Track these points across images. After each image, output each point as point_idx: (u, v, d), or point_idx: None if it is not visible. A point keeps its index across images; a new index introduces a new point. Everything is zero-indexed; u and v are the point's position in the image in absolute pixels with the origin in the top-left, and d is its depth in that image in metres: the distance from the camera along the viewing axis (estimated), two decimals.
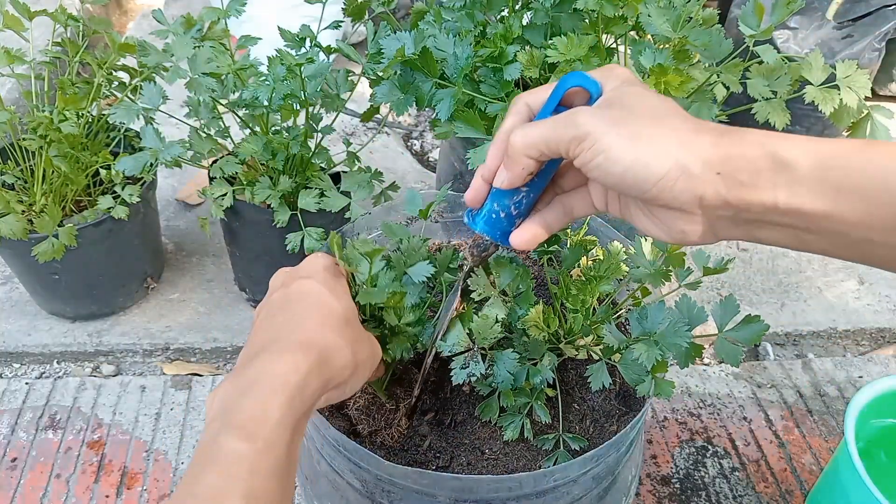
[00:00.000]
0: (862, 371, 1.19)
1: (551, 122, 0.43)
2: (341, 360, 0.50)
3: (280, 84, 0.91)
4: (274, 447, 0.43)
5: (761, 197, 0.38)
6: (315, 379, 0.47)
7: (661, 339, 0.60)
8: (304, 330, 0.50)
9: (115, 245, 1.09)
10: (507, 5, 0.97)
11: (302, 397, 0.46)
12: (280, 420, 0.44)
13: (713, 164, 0.38)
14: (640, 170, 0.40)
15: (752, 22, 0.85)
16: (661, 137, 0.40)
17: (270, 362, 0.47)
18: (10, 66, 1.01)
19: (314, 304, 0.52)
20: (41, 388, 1.08)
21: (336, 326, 0.51)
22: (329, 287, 0.53)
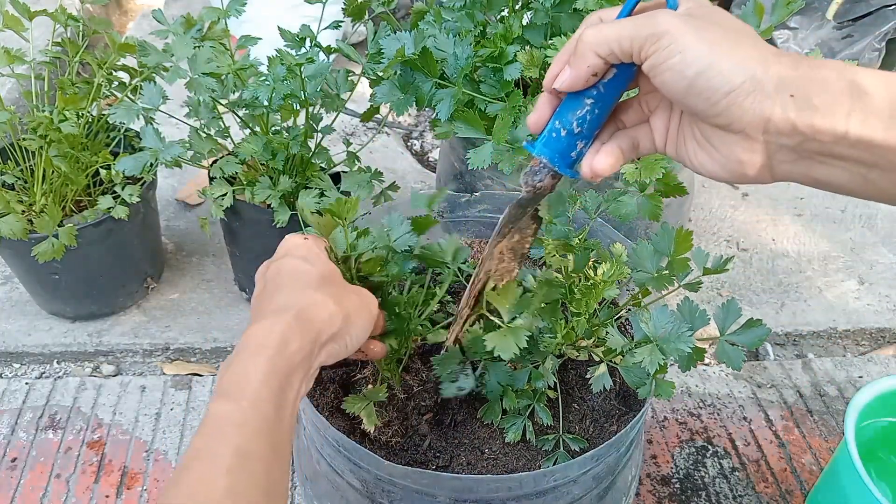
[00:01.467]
0: (862, 371, 1.19)
1: (629, 20, 0.41)
2: (324, 312, 0.50)
3: (280, 84, 0.91)
4: (259, 404, 0.44)
5: (833, 123, 0.36)
6: (296, 336, 0.48)
7: (664, 343, 0.60)
8: (280, 297, 0.51)
9: (115, 245, 1.09)
10: (507, 5, 0.97)
11: (284, 355, 0.46)
12: (263, 380, 0.45)
13: (788, 84, 0.37)
14: (713, 76, 0.38)
15: (753, 22, 0.85)
16: (740, 48, 0.38)
17: (249, 333, 0.48)
18: (10, 66, 1.01)
19: (288, 275, 0.53)
20: (41, 388, 1.08)
21: (312, 285, 0.52)
22: (302, 256, 0.54)
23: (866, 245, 1.42)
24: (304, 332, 0.48)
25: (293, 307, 0.49)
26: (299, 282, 0.52)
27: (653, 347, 0.60)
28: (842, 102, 0.36)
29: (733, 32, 0.39)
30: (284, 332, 0.47)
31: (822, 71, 0.37)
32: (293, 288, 0.52)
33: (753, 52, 0.38)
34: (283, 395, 0.46)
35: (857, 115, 0.36)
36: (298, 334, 0.48)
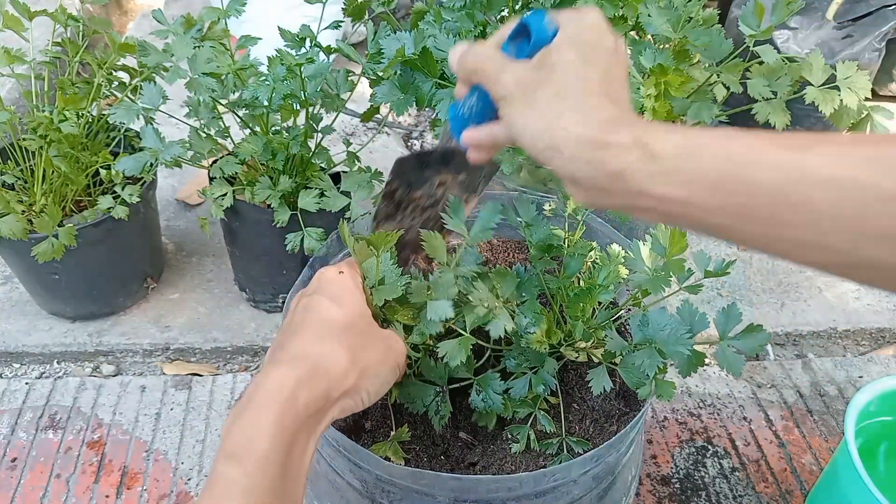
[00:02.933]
0: (862, 371, 1.19)
1: (488, 61, 0.48)
2: (338, 368, 0.49)
3: (280, 84, 0.91)
4: (266, 467, 0.43)
5: (627, 184, 0.40)
6: (306, 390, 0.47)
7: (663, 345, 0.60)
8: (297, 344, 0.50)
9: (115, 245, 1.09)
10: (507, 5, 0.97)
11: (294, 412, 0.46)
12: (270, 440, 0.44)
13: (585, 149, 0.41)
14: (526, 141, 0.44)
15: (753, 22, 0.85)
16: (550, 113, 0.43)
17: (260, 382, 0.47)
18: (10, 66, 1.01)
19: (313, 318, 0.52)
20: (41, 388, 1.08)
21: (333, 334, 0.51)
22: (332, 296, 0.53)
23: None
24: (314, 385, 0.47)
25: (306, 358, 0.49)
26: (321, 328, 0.51)
27: (651, 350, 0.60)
28: (633, 166, 0.40)
29: (557, 88, 0.44)
30: (296, 388, 0.46)
31: (618, 134, 0.41)
32: (311, 334, 0.51)
33: (562, 116, 0.43)
34: (290, 454, 0.45)
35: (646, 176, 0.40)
36: (308, 388, 0.47)
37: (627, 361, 0.62)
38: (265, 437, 0.44)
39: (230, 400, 1.08)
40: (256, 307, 1.21)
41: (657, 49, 0.86)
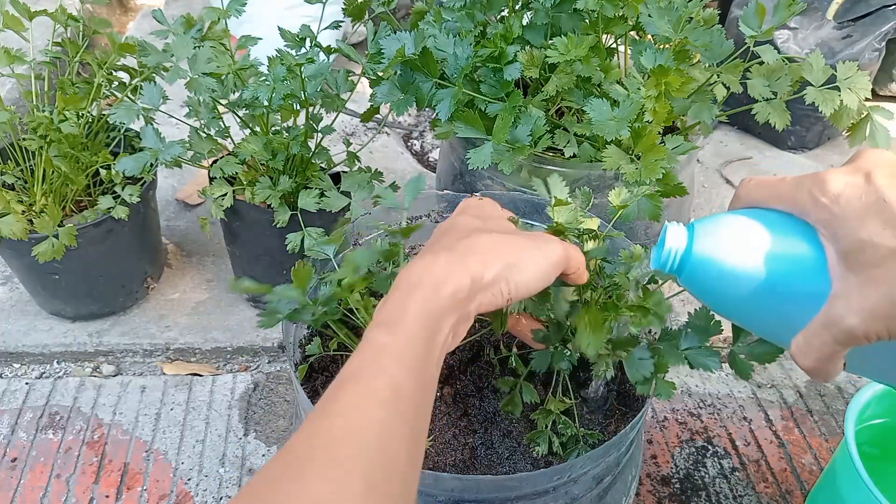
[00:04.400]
0: None
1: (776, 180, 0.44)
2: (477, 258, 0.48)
3: (280, 84, 0.91)
4: (413, 342, 0.44)
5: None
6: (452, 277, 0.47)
7: (692, 358, 0.60)
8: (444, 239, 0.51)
9: (115, 245, 1.09)
10: (507, 5, 0.97)
11: (438, 296, 0.46)
12: (416, 319, 0.45)
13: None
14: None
15: (754, 23, 0.85)
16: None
17: (406, 270, 0.48)
18: (10, 66, 1.01)
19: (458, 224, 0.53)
20: (41, 388, 1.08)
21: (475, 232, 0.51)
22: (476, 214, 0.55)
23: None
24: (460, 273, 0.47)
25: (453, 248, 0.49)
26: (466, 229, 0.52)
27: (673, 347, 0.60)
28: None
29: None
30: (439, 273, 0.47)
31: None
32: (456, 235, 0.51)
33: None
34: (434, 338, 0.45)
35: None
36: (454, 276, 0.47)
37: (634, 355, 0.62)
38: (413, 314, 0.45)
39: (230, 400, 1.08)
40: (256, 307, 1.21)
41: (658, 49, 0.86)
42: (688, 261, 0.42)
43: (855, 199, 0.36)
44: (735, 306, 0.43)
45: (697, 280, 0.43)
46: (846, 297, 0.37)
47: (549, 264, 0.51)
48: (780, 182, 0.41)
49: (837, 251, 0.37)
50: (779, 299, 0.40)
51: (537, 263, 0.50)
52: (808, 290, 0.39)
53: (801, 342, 0.40)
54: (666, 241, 0.43)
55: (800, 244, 0.39)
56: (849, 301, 0.37)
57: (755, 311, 0.42)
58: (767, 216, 0.41)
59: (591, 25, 0.91)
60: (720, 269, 0.41)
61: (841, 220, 0.37)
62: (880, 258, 0.35)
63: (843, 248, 0.37)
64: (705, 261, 0.42)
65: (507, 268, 0.49)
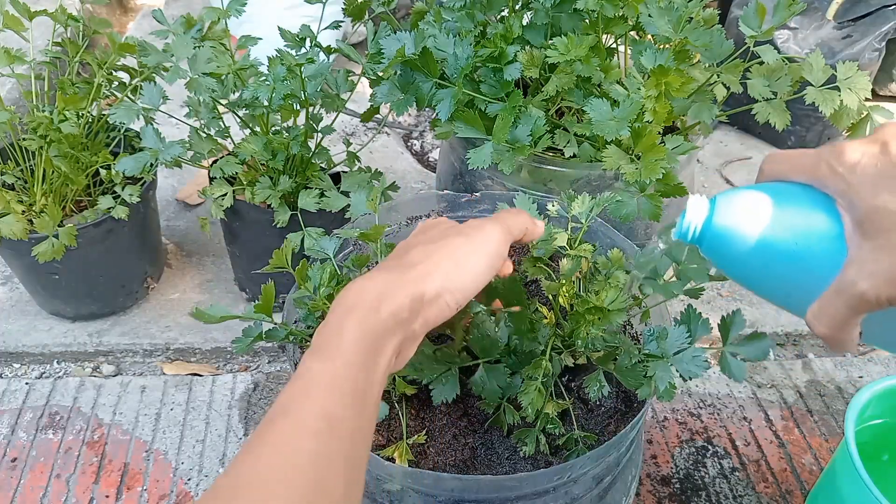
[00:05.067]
0: (862, 371, 1.19)
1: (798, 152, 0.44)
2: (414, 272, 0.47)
3: (280, 84, 0.91)
4: (350, 368, 0.42)
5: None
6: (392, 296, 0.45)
7: (677, 363, 0.60)
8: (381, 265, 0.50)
9: (115, 245, 1.09)
10: (507, 5, 0.97)
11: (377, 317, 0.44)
12: (354, 342, 0.43)
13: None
14: None
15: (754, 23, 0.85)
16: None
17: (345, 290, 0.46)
18: (10, 66, 1.01)
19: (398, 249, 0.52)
20: (41, 388, 1.08)
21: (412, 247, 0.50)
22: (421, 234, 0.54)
23: None
24: (399, 292, 0.46)
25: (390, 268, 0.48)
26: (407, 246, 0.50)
27: (665, 364, 0.60)
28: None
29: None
30: (376, 292, 0.45)
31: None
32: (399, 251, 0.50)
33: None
34: (374, 360, 0.44)
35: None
36: (392, 295, 0.45)
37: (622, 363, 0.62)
38: (350, 337, 0.43)
39: (230, 400, 1.08)
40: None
41: (658, 49, 0.86)
42: (708, 231, 0.43)
43: (871, 168, 0.37)
44: (754, 275, 0.44)
45: (717, 250, 0.44)
46: (859, 264, 0.37)
47: (487, 254, 0.50)
48: (800, 154, 0.41)
49: (853, 219, 0.38)
50: (796, 268, 0.41)
51: (475, 260, 0.49)
52: (824, 259, 0.39)
53: (816, 309, 0.40)
54: (688, 212, 0.44)
55: (817, 214, 0.40)
56: (862, 267, 0.37)
57: (773, 280, 0.43)
58: (787, 188, 0.42)
59: (591, 25, 0.91)
60: (739, 239, 0.42)
61: (857, 188, 0.37)
62: (893, 224, 0.35)
63: (858, 215, 0.37)
64: (725, 231, 0.43)
65: (445, 277, 0.48)
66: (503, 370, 0.64)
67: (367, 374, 0.43)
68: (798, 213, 0.41)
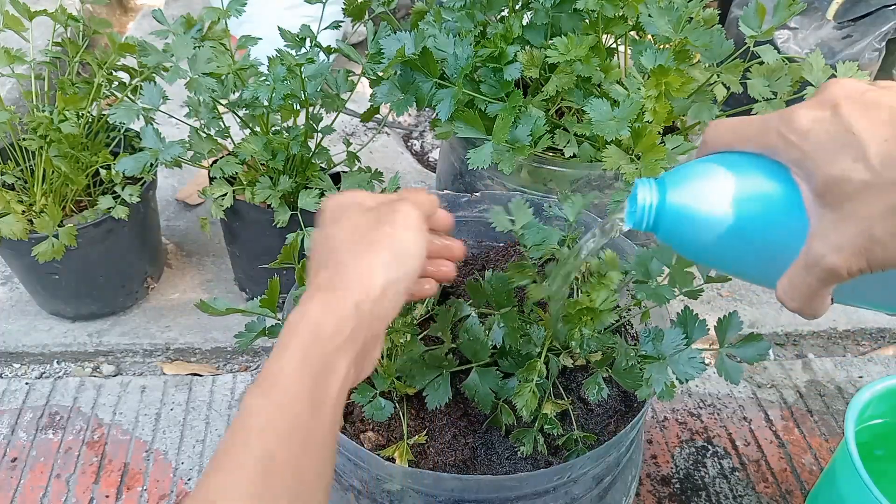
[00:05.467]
0: (862, 371, 1.19)
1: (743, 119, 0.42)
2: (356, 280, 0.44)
3: (280, 84, 0.91)
4: (291, 401, 0.41)
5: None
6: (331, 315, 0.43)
7: (674, 365, 0.59)
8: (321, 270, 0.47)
9: (115, 245, 1.09)
10: (507, 5, 0.97)
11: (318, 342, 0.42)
12: (296, 372, 0.41)
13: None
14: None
15: (753, 23, 0.85)
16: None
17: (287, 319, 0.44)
18: (10, 66, 1.01)
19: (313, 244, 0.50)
20: (41, 388, 1.08)
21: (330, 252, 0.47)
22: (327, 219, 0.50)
23: None
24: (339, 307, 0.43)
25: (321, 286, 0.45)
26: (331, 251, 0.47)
27: (661, 366, 0.60)
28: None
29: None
30: (318, 313, 0.43)
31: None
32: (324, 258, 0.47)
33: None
34: (321, 387, 0.42)
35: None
36: (332, 313, 0.43)
37: (619, 365, 0.62)
38: (291, 368, 0.41)
39: (230, 400, 1.08)
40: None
41: (658, 49, 0.86)
42: (663, 215, 0.41)
43: (824, 135, 0.35)
44: (717, 255, 0.42)
45: (675, 234, 0.42)
46: (824, 236, 0.36)
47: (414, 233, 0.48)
48: (746, 123, 0.40)
49: (811, 189, 0.37)
50: (759, 243, 0.39)
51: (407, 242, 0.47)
52: (786, 231, 0.38)
53: (786, 284, 0.39)
54: (638, 198, 0.41)
55: (774, 185, 0.38)
56: (827, 239, 0.36)
57: (737, 258, 0.41)
58: (737, 159, 0.40)
59: (591, 25, 0.91)
60: (697, 219, 0.40)
61: (811, 157, 0.36)
62: (854, 192, 0.34)
63: (816, 185, 0.36)
64: (680, 213, 0.40)
65: (385, 271, 0.45)
66: (495, 373, 0.64)
67: (313, 403, 0.41)
68: (754, 185, 0.39)
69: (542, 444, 0.66)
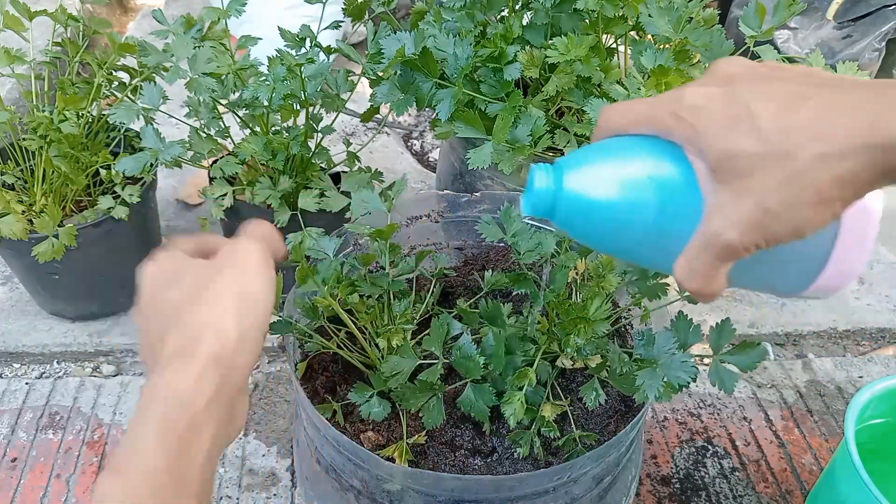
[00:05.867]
0: (862, 371, 1.19)
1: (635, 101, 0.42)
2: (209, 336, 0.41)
3: (280, 84, 0.91)
4: (153, 476, 0.37)
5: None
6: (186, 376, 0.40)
7: (666, 370, 0.59)
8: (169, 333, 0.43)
9: (115, 245, 1.09)
10: (507, 5, 0.97)
11: (177, 405, 0.39)
12: (156, 443, 0.38)
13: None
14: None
15: (753, 23, 0.85)
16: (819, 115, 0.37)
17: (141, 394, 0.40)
18: (10, 66, 1.01)
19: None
20: (41, 388, 1.08)
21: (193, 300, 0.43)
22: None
23: None
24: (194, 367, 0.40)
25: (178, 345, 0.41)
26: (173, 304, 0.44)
27: (653, 371, 0.60)
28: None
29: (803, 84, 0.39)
30: (170, 381, 0.39)
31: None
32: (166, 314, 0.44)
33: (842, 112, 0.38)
34: (186, 453, 0.38)
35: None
36: (188, 374, 0.40)
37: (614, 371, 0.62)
38: (150, 440, 0.38)
39: None
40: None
41: (658, 49, 0.86)
42: (559, 201, 0.40)
43: (717, 111, 0.35)
44: (614, 241, 0.41)
45: (572, 220, 0.41)
46: (720, 212, 0.36)
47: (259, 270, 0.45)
48: (637, 105, 0.39)
49: (706, 166, 0.36)
50: (654, 226, 0.39)
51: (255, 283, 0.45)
52: (681, 212, 0.38)
53: (684, 264, 0.38)
54: (534, 184, 0.41)
55: (667, 166, 0.38)
56: (723, 215, 0.35)
57: (634, 243, 0.41)
58: (632, 142, 0.40)
59: (591, 25, 0.91)
60: (591, 204, 0.39)
61: (705, 133, 0.35)
62: (748, 167, 0.34)
63: (710, 162, 0.36)
64: (576, 198, 0.40)
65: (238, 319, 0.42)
66: (489, 389, 0.64)
67: (177, 474, 0.38)
68: (647, 167, 0.39)
69: (539, 447, 0.66)
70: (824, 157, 0.32)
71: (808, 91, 0.34)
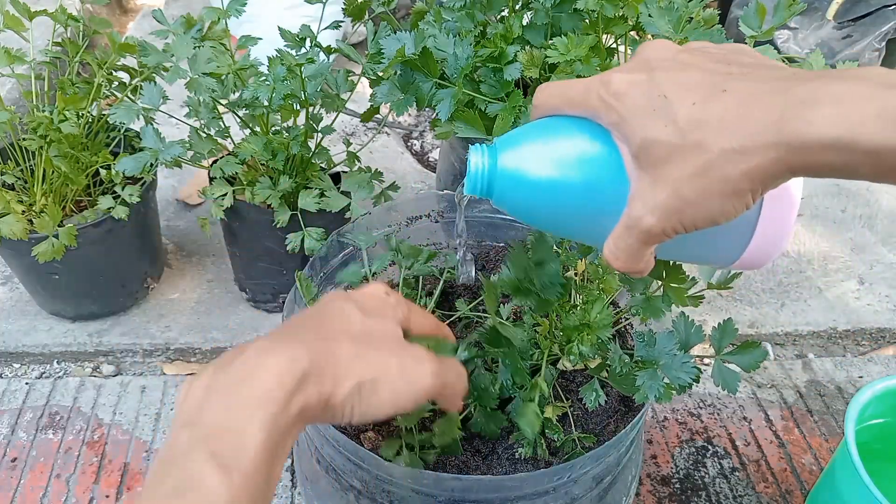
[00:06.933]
0: (862, 371, 1.19)
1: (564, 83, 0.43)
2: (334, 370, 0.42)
3: (280, 84, 0.91)
4: (253, 478, 0.37)
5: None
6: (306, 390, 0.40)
7: (666, 371, 0.59)
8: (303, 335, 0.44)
9: (115, 245, 1.09)
10: (507, 5, 0.97)
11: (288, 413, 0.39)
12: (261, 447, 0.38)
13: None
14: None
15: (753, 23, 0.85)
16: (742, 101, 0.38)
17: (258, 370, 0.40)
18: (10, 66, 1.01)
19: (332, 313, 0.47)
20: (41, 388, 1.08)
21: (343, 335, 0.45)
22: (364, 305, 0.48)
23: (866, 245, 1.43)
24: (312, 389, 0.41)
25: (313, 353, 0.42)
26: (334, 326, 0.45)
27: (654, 372, 0.60)
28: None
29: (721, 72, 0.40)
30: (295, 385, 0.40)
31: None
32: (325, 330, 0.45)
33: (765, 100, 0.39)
34: (276, 460, 0.39)
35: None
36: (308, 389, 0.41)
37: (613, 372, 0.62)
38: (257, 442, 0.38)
39: None
40: (256, 307, 1.21)
41: None
42: (495, 179, 0.41)
43: (639, 97, 0.36)
44: (548, 218, 0.42)
45: (507, 198, 0.42)
46: (641, 197, 0.37)
47: (412, 392, 0.45)
48: (570, 87, 0.40)
49: (630, 152, 0.37)
50: (584, 205, 0.40)
51: (396, 389, 0.44)
52: (609, 193, 0.39)
53: (611, 244, 0.39)
54: (471, 163, 0.42)
55: (597, 148, 0.39)
56: (643, 201, 0.37)
57: (566, 221, 0.42)
58: (564, 123, 0.41)
59: (591, 25, 0.91)
60: (525, 182, 0.41)
61: (628, 120, 0.36)
62: (664, 155, 0.35)
63: (633, 148, 0.37)
64: (510, 176, 0.41)
65: (356, 388, 0.43)
66: (500, 414, 0.64)
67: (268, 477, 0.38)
68: (578, 148, 0.40)
69: (544, 448, 0.66)
70: (734, 151, 0.33)
71: (726, 82, 0.35)
